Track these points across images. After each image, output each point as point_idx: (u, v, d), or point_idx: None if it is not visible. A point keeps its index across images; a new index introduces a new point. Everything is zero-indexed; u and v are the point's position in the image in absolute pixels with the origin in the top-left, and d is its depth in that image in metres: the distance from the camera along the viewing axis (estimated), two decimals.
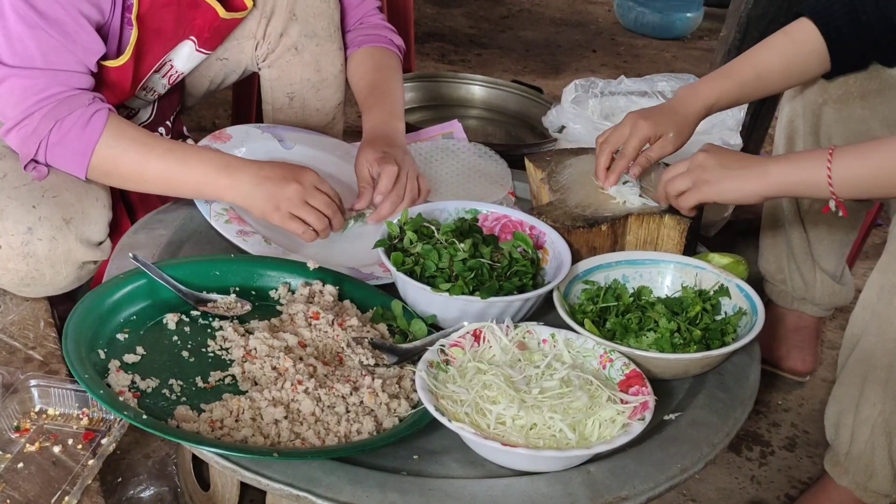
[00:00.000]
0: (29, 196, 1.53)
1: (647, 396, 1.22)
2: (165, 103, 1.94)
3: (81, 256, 1.57)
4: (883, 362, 1.38)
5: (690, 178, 1.46)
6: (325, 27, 1.90)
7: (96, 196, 1.61)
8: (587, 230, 1.52)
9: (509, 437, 1.16)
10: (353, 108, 3.11)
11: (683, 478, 1.21)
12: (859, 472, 1.47)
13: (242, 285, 1.44)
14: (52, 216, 1.53)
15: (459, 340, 1.30)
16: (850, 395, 1.45)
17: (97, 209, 1.60)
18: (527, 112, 2.93)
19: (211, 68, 1.93)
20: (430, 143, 2.01)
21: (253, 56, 1.93)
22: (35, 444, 1.34)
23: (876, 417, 1.41)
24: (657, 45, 4.25)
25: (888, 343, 1.36)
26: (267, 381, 1.24)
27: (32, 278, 1.56)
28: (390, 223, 1.50)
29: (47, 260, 1.54)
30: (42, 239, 1.52)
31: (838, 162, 1.34)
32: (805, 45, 1.60)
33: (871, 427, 1.42)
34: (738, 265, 1.52)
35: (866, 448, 1.44)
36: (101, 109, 1.50)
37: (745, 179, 1.41)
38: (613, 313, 1.41)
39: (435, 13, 4.33)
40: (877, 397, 1.40)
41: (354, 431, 1.19)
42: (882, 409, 1.40)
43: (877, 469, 1.44)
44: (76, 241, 1.55)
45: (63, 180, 1.57)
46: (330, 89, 1.97)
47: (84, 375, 1.17)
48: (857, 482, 1.48)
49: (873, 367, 1.39)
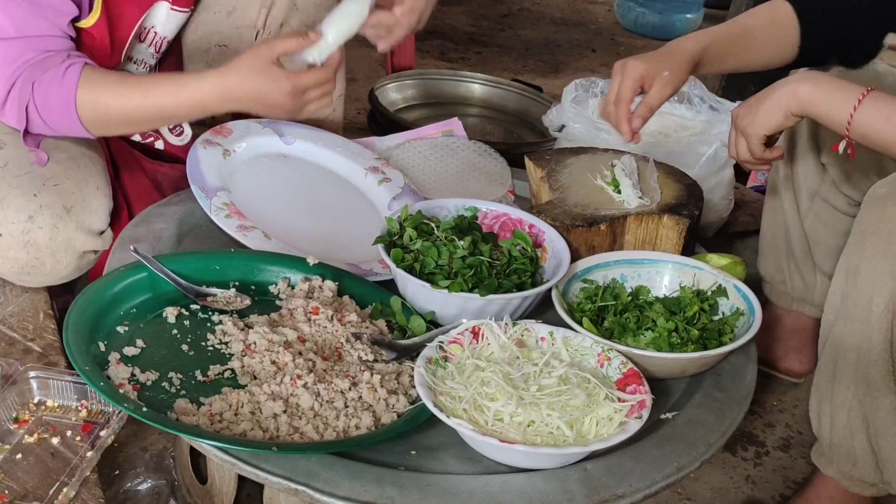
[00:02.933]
0: (30, 185, 1.54)
1: (644, 395, 1.23)
2: None
3: (82, 245, 1.58)
4: (851, 344, 1.39)
5: (735, 133, 1.52)
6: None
7: (97, 185, 1.61)
8: (586, 229, 1.53)
9: (507, 434, 1.16)
10: (352, 105, 3.11)
11: (679, 476, 1.22)
12: (842, 461, 1.48)
13: (242, 280, 1.45)
14: (53, 204, 1.53)
15: (458, 337, 1.31)
16: (826, 382, 1.46)
17: (98, 198, 1.60)
18: (527, 111, 2.93)
19: (209, 54, 1.93)
20: (430, 140, 2.02)
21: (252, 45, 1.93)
22: (34, 436, 1.35)
23: (851, 400, 1.42)
24: (657, 45, 4.20)
25: (854, 324, 1.38)
26: (266, 376, 1.24)
27: (33, 267, 1.56)
28: (390, 219, 1.50)
29: (48, 248, 1.54)
30: (43, 227, 1.53)
31: (864, 111, 1.35)
32: (783, 25, 1.62)
33: (847, 411, 1.43)
34: (736, 266, 1.53)
35: (846, 434, 1.45)
36: (76, 63, 1.49)
37: (776, 99, 1.43)
38: (611, 312, 1.42)
39: (435, 11, 4.32)
40: (849, 380, 1.41)
41: (353, 426, 1.19)
42: (855, 391, 1.41)
43: (858, 455, 1.45)
44: (77, 230, 1.56)
45: (64, 169, 1.57)
46: None
47: (84, 367, 1.17)
48: (841, 471, 1.49)
49: (844, 350, 1.40)
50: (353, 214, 1.73)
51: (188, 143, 1.86)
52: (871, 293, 1.35)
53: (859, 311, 1.37)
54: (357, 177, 1.80)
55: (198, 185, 1.60)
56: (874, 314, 1.36)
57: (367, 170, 1.80)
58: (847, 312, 1.39)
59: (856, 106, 1.36)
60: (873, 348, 1.37)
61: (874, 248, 1.34)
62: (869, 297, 1.36)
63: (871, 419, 1.42)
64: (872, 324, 1.36)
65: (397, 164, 1.90)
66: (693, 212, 1.58)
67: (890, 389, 1.39)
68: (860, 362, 1.39)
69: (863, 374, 1.39)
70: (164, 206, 1.67)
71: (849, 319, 1.39)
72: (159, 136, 1.84)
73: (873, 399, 1.40)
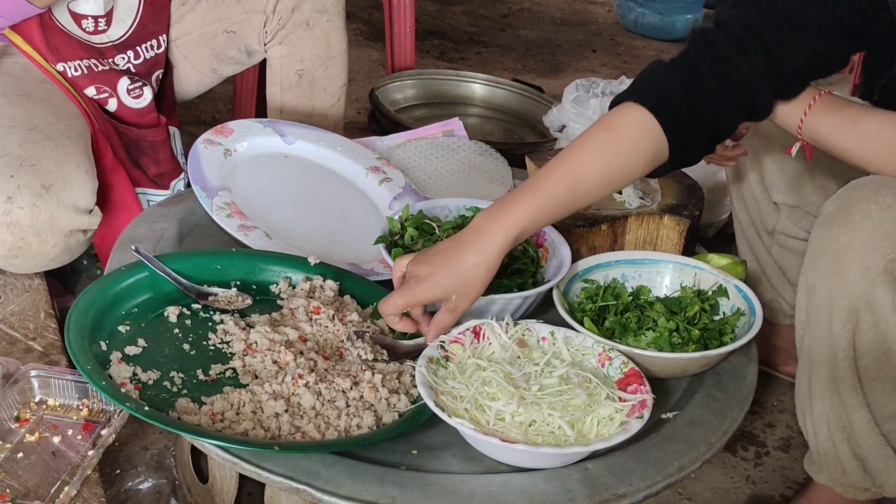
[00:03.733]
0: (7, 167, 1.54)
1: (645, 395, 1.23)
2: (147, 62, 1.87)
3: (67, 223, 1.58)
4: (820, 359, 1.39)
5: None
6: (334, 3, 1.94)
7: (77, 163, 1.62)
8: (587, 229, 1.53)
9: (508, 434, 1.16)
10: (353, 105, 3.11)
11: (680, 476, 1.22)
12: (832, 469, 1.48)
13: (243, 279, 1.45)
14: (31, 184, 1.54)
15: (459, 337, 1.31)
16: (804, 395, 1.46)
17: (79, 174, 1.61)
18: (527, 111, 2.94)
19: (216, 40, 1.93)
20: (431, 140, 2.02)
21: (260, 33, 1.93)
22: (35, 435, 1.35)
23: (828, 413, 1.42)
24: (657, 45, 4.26)
25: (819, 341, 1.38)
26: (268, 375, 1.24)
27: (19, 248, 1.56)
28: (391, 219, 1.50)
29: (31, 228, 1.55)
30: (23, 207, 1.53)
31: (814, 115, 1.36)
32: (632, 138, 1.29)
33: (826, 423, 1.43)
34: (736, 266, 1.53)
35: (829, 445, 1.45)
36: None
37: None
38: (612, 312, 1.42)
39: (435, 11, 4.33)
40: (823, 394, 1.41)
41: (354, 426, 1.19)
42: (831, 405, 1.41)
43: (845, 464, 1.45)
44: (58, 207, 1.56)
45: (41, 149, 1.58)
46: (337, 67, 2.00)
47: (86, 367, 1.17)
48: (832, 478, 1.49)
49: (815, 364, 1.40)
50: (354, 214, 1.73)
51: (146, 107, 1.85)
52: (829, 311, 1.35)
53: (821, 329, 1.37)
54: (358, 176, 1.80)
55: (199, 184, 1.60)
56: (834, 331, 1.35)
57: (367, 169, 1.80)
58: (811, 330, 1.39)
59: (806, 111, 1.36)
60: (838, 364, 1.37)
61: (826, 268, 1.34)
62: (828, 315, 1.35)
63: (850, 431, 1.42)
64: (834, 341, 1.36)
65: (398, 163, 1.90)
66: (693, 212, 1.58)
67: (860, 403, 1.38)
68: (830, 378, 1.39)
69: (834, 390, 1.39)
70: (164, 205, 1.67)
71: (814, 336, 1.39)
72: (114, 93, 1.83)
73: (847, 412, 1.40)
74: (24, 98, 1.70)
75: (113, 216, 1.76)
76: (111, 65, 1.82)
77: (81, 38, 1.79)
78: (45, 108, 1.70)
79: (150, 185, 1.89)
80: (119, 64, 1.83)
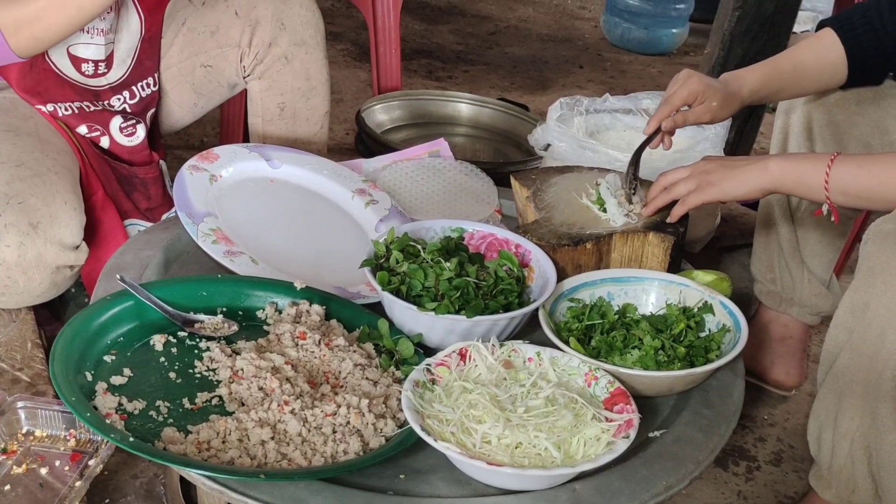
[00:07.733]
0: None
1: (631, 414, 1.23)
2: (142, 101, 1.88)
3: (53, 260, 1.58)
4: (858, 377, 1.39)
5: (694, 181, 1.53)
6: (312, 35, 1.93)
7: (64, 199, 1.62)
8: (572, 248, 1.53)
9: (495, 457, 1.16)
10: (340, 126, 3.12)
11: (668, 495, 1.22)
12: (842, 486, 1.48)
13: (230, 305, 1.45)
14: (18, 222, 1.54)
15: (445, 359, 1.31)
16: (829, 411, 1.46)
17: (66, 211, 1.61)
18: (513, 130, 2.95)
19: (195, 75, 1.93)
20: (417, 161, 2.03)
21: (238, 67, 1.93)
22: (22, 466, 1.34)
23: (854, 432, 1.42)
24: (643, 60, 4.29)
25: (862, 359, 1.38)
26: (254, 402, 1.24)
27: (6, 286, 1.56)
28: (376, 242, 1.51)
29: (18, 266, 1.55)
30: (10, 245, 1.53)
31: (838, 168, 1.40)
32: (830, 51, 1.70)
33: (850, 441, 1.43)
34: (721, 282, 1.53)
35: (847, 462, 1.45)
36: None
37: (747, 174, 1.48)
38: (598, 331, 1.42)
39: (422, 30, 4.35)
40: (854, 412, 1.41)
41: (341, 451, 1.19)
42: (860, 424, 1.41)
43: (858, 483, 1.45)
44: (46, 244, 1.56)
45: (28, 186, 1.58)
46: (318, 97, 2.00)
47: (71, 398, 1.17)
48: (840, 496, 1.49)
49: (850, 382, 1.40)
50: (340, 237, 1.74)
51: (139, 145, 1.86)
52: (884, 330, 1.34)
53: (868, 347, 1.37)
54: (344, 199, 1.80)
55: (185, 211, 1.60)
56: (885, 350, 1.35)
57: (353, 192, 1.81)
58: (854, 347, 1.39)
59: (829, 164, 1.40)
60: (883, 384, 1.36)
61: (885, 285, 1.34)
62: (880, 334, 1.35)
63: (875, 451, 1.41)
64: (883, 360, 1.35)
65: (384, 185, 1.90)
66: (678, 229, 1.59)
67: None
68: (867, 396, 1.39)
69: (870, 408, 1.39)
70: (150, 232, 1.67)
71: (856, 354, 1.39)
72: (106, 132, 1.83)
73: (878, 433, 1.40)
74: (12, 134, 1.70)
75: (101, 250, 1.76)
76: (105, 106, 1.83)
77: (77, 82, 1.79)
78: (32, 144, 1.70)
79: (140, 216, 1.89)
80: (114, 105, 1.84)
